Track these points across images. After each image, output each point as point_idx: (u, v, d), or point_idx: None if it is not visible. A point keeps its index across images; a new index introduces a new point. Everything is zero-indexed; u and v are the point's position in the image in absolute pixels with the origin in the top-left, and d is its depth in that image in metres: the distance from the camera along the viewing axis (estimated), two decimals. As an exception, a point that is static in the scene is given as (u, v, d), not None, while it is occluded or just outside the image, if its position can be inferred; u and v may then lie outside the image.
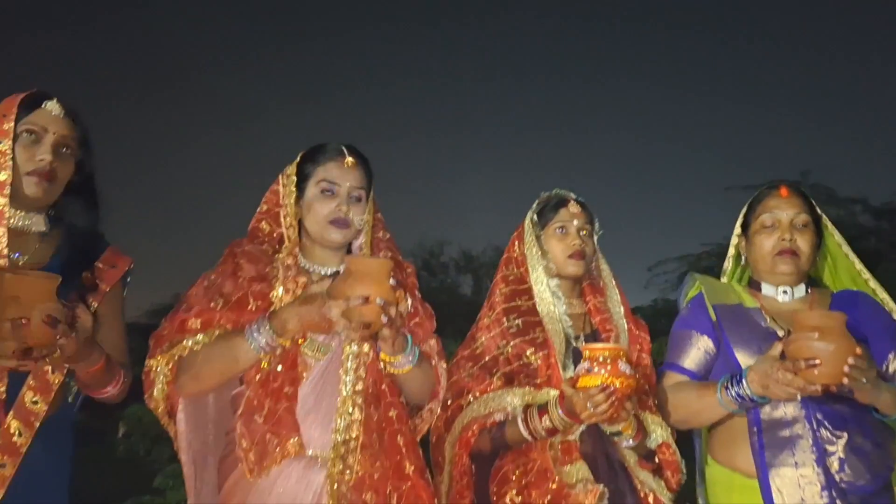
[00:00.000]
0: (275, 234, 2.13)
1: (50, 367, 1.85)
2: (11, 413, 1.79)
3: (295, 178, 2.12)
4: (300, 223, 2.13)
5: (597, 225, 2.41)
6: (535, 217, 2.39)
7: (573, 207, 2.35)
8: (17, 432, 1.80)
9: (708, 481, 2.24)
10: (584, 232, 2.34)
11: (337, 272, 2.06)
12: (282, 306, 1.93)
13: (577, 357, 2.17)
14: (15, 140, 1.91)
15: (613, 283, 2.41)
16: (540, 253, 2.35)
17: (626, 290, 2.45)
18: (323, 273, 2.09)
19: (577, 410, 1.98)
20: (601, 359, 1.96)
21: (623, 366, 1.95)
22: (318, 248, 2.12)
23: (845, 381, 1.84)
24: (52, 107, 1.95)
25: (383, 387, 2.02)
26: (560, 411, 2.05)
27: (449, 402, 2.22)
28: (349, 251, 2.17)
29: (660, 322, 2.41)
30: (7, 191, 1.89)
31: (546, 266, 2.33)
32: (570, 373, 2.13)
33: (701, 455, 2.31)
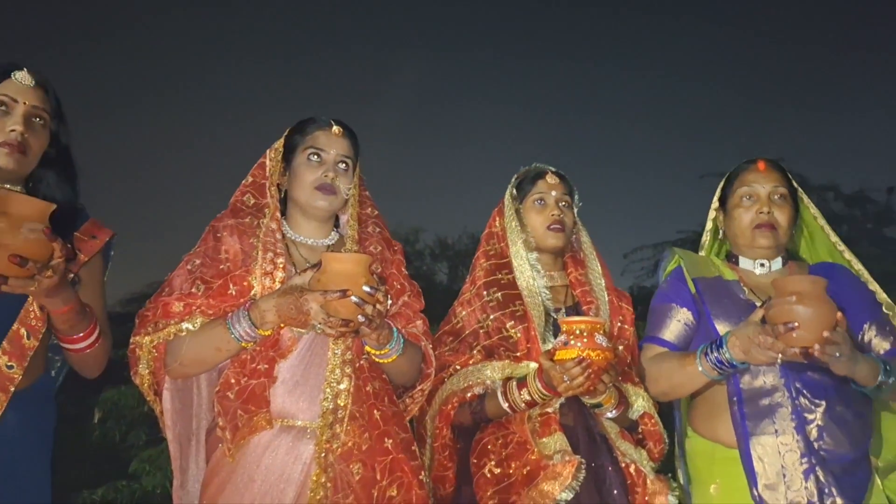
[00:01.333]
0: (259, 205, 2.13)
1: (25, 331, 1.83)
2: None
3: (282, 150, 2.15)
4: (286, 196, 2.15)
5: (576, 197, 2.42)
6: (514, 191, 2.41)
7: (551, 179, 2.37)
8: None
9: (689, 454, 2.27)
10: (564, 203, 2.36)
11: (328, 247, 2.11)
12: (261, 297, 1.94)
13: (557, 330, 2.19)
14: None
15: (594, 255, 2.44)
16: (519, 227, 2.37)
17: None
18: (309, 244, 2.12)
19: (555, 383, 2.01)
20: (578, 332, 1.97)
21: (600, 339, 1.97)
22: (304, 219, 2.14)
23: (819, 348, 1.85)
24: (22, 76, 1.91)
25: (362, 362, 2.03)
26: (538, 384, 2.07)
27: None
28: (336, 224, 2.19)
29: (636, 309, 2.44)
30: None
31: (525, 240, 2.36)
32: (550, 345, 2.14)
33: (681, 428, 2.34)
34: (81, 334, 1.90)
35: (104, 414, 6.11)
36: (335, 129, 2.13)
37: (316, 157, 2.10)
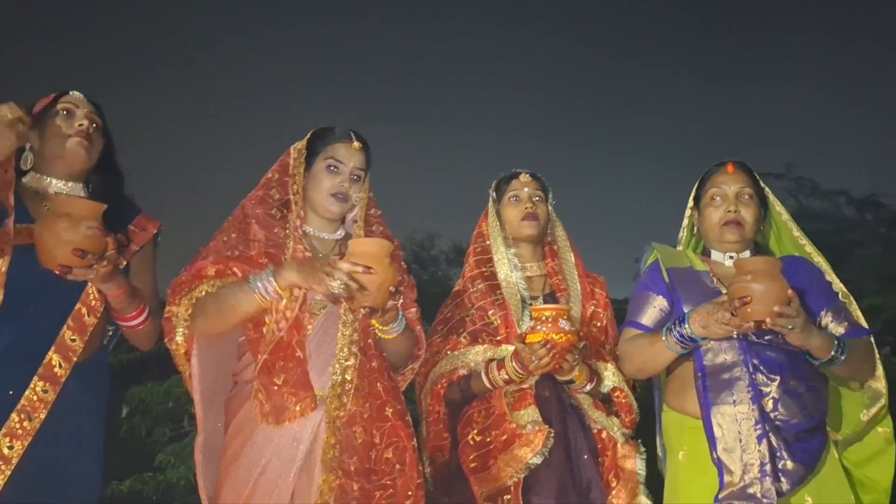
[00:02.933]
0: (283, 200, 2.36)
1: (86, 310, 2.16)
2: (53, 348, 2.11)
3: (305, 153, 2.39)
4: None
5: (550, 194, 2.74)
6: (494, 193, 2.75)
7: (524, 178, 2.70)
8: (57, 364, 2.10)
9: (664, 426, 2.51)
10: (537, 198, 2.68)
11: (336, 241, 2.38)
12: (286, 262, 2.18)
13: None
14: (49, 119, 2.25)
15: (568, 246, 2.74)
16: (499, 225, 2.69)
17: (614, 282, 2.80)
18: (324, 238, 2.38)
19: (526, 363, 2.31)
20: (544, 318, 2.28)
21: (563, 323, 2.27)
22: (317, 217, 2.40)
23: (771, 320, 2.07)
24: (76, 93, 2.31)
25: (369, 340, 2.29)
26: (514, 364, 2.38)
27: (426, 360, 2.53)
28: (343, 221, 2.44)
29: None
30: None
31: (504, 237, 2.68)
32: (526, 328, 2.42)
33: (659, 405, 2.57)
34: (133, 313, 2.24)
35: (131, 409, 6.38)
36: (355, 144, 2.37)
37: (334, 167, 2.36)
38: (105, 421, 2.29)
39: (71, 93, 2.32)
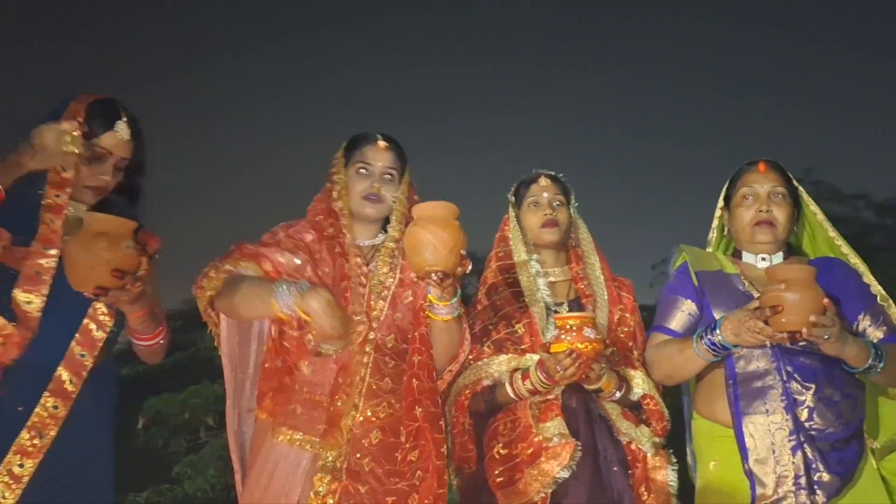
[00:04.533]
0: (336, 212, 2.36)
1: (94, 325, 2.09)
2: (63, 364, 2.04)
3: (343, 160, 2.40)
4: None
5: (572, 197, 2.64)
6: (513, 197, 2.66)
7: (543, 181, 2.61)
8: (68, 380, 2.04)
9: (693, 434, 2.43)
10: (557, 202, 2.59)
11: (373, 246, 2.36)
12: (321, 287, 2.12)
13: (556, 324, 2.41)
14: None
15: (593, 249, 2.64)
16: (520, 230, 2.60)
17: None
18: (361, 244, 2.36)
19: (550, 373, 2.24)
20: (568, 326, 2.21)
21: (588, 332, 2.20)
22: (356, 223, 2.37)
23: (806, 331, 1.99)
24: (122, 131, 2.14)
25: (416, 333, 2.25)
26: (540, 374, 2.30)
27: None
28: (384, 229, 2.41)
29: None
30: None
31: (525, 241, 2.59)
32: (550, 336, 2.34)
33: (688, 411, 2.49)
34: (153, 333, 2.19)
35: (147, 422, 6.38)
36: (381, 143, 2.38)
37: (364, 170, 2.36)
38: (114, 430, 2.24)
39: (116, 128, 2.12)
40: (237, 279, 2.18)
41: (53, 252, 2.01)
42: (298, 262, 2.26)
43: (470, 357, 2.46)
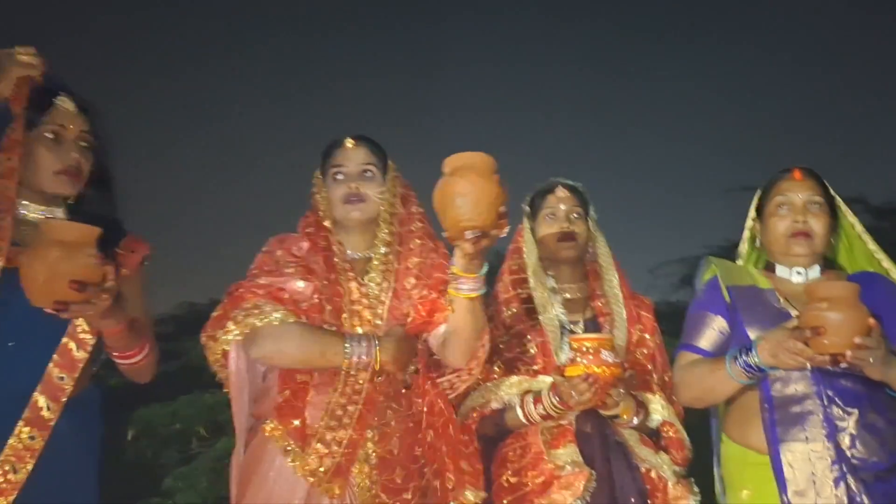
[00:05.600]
0: (322, 232, 2.24)
1: (75, 344, 1.91)
2: (39, 388, 1.86)
3: (321, 176, 2.28)
4: None
5: (591, 208, 2.48)
6: (528, 208, 2.49)
7: (560, 192, 2.44)
8: (45, 407, 1.86)
9: (723, 459, 2.29)
10: (575, 215, 2.42)
11: (367, 258, 2.21)
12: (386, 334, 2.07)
13: (572, 344, 2.28)
14: (33, 142, 1.95)
15: (612, 265, 2.48)
16: (534, 243, 2.45)
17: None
18: (355, 257, 2.22)
19: (565, 398, 2.12)
20: (584, 349, 2.09)
21: (606, 355, 2.08)
22: (346, 234, 2.24)
23: (850, 354, 1.86)
24: (66, 105, 1.99)
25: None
26: (553, 399, 2.17)
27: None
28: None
29: (662, 324, 2.48)
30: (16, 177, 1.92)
31: (540, 256, 2.44)
32: (564, 359, 2.23)
33: (717, 434, 2.36)
34: (135, 350, 1.99)
35: (137, 433, 6.20)
36: (348, 142, 2.25)
37: (337, 174, 2.23)
38: (99, 461, 2.05)
39: (59, 103, 1.98)
40: (287, 331, 2.04)
41: None
42: (302, 285, 2.12)
43: (479, 377, 2.30)
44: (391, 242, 2.21)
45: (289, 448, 2.01)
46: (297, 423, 2.03)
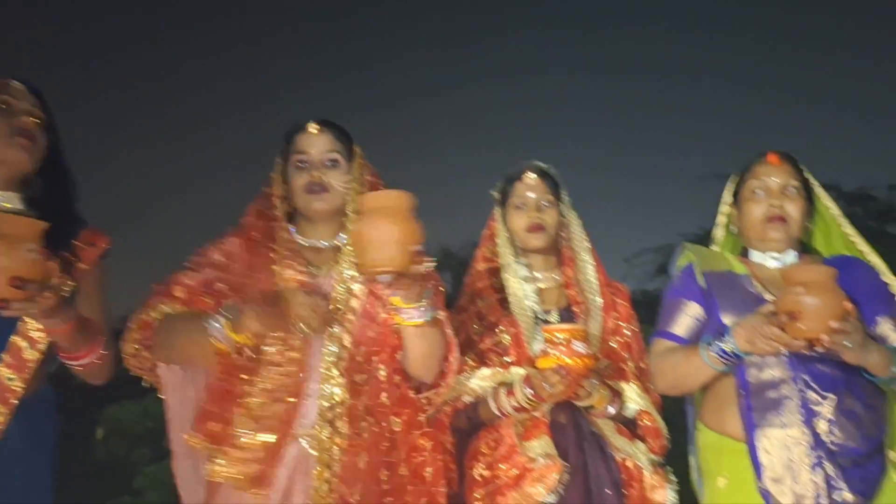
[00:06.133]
0: (275, 216, 2.15)
1: (26, 343, 1.83)
2: None
3: (282, 162, 2.17)
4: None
5: (563, 193, 2.41)
6: (498, 195, 2.43)
7: (528, 179, 2.37)
8: None
9: (699, 447, 2.26)
10: (546, 202, 2.36)
11: (336, 247, 2.12)
12: (246, 302, 1.92)
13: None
14: None
15: (587, 251, 2.42)
16: (506, 230, 2.39)
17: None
18: (319, 245, 2.13)
19: (537, 391, 2.09)
20: (557, 339, 2.05)
21: (578, 345, 2.04)
22: (309, 224, 2.15)
23: (827, 338, 1.84)
24: (16, 84, 1.95)
25: (374, 347, 2.06)
26: (526, 390, 2.13)
27: None
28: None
29: (638, 313, 2.45)
30: None
31: (512, 243, 2.38)
32: (538, 349, 2.19)
33: (692, 422, 2.33)
34: (85, 350, 1.91)
35: (107, 431, 6.10)
36: (311, 127, 2.14)
37: (300, 161, 2.12)
38: (53, 463, 1.98)
39: (10, 83, 1.94)
40: (168, 323, 2.00)
41: None
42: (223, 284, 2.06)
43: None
44: None
45: (211, 454, 1.96)
46: (216, 427, 1.96)
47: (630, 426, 2.28)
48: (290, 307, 1.89)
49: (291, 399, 1.96)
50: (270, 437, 1.94)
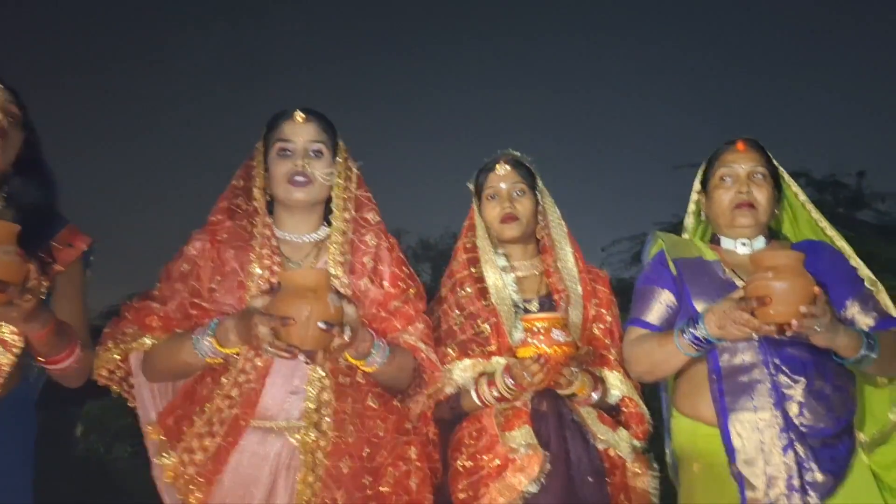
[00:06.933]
0: (249, 209, 2.11)
1: (0, 348, 1.81)
2: None
3: (262, 149, 2.13)
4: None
5: (539, 181, 2.42)
6: (473, 187, 2.44)
7: (500, 170, 2.38)
8: None
9: (673, 433, 2.29)
10: (518, 191, 2.37)
11: (319, 241, 2.11)
12: (226, 318, 1.91)
13: (525, 323, 2.24)
14: None
15: (565, 237, 2.43)
16: (482, 221, 2.40)
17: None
18: (298, 241, 2.11)
19: (517, 380, 2.10)
20: (536, 329, 2.05)
21: (557, 334, 2.05)
22: (288, 214, 2.12)
23: (796, 322, 1.86)
24: None
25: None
26: (507, 380, 2.14)
27: None
28: (328, 217, 2.14)
29: (617, 301, 2.46)
30: None
31: (489, 233, 2.39)
32: (518, 339, 2.18)
33: (667, 409, 2.35)
34: (62, 354, 1.88)
35: (87, 428, 6.08)
36: (298, 116, 2.09)
37: (283, 150, 2.08)
38: (32, 467, 1.97)
39: None
40: (153, 354, 2.00)
41: None
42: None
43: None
44: (346, 231, 2.10)
45: (161, 448, 1.98)
46: (172, 422, 1.98)
47: (613, 413, 2.29)
48: (250, 326, 1.79)
49: (247, 409, 1.94)
50: (217, 442, 1.93)
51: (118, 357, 2.01)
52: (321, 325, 1.72)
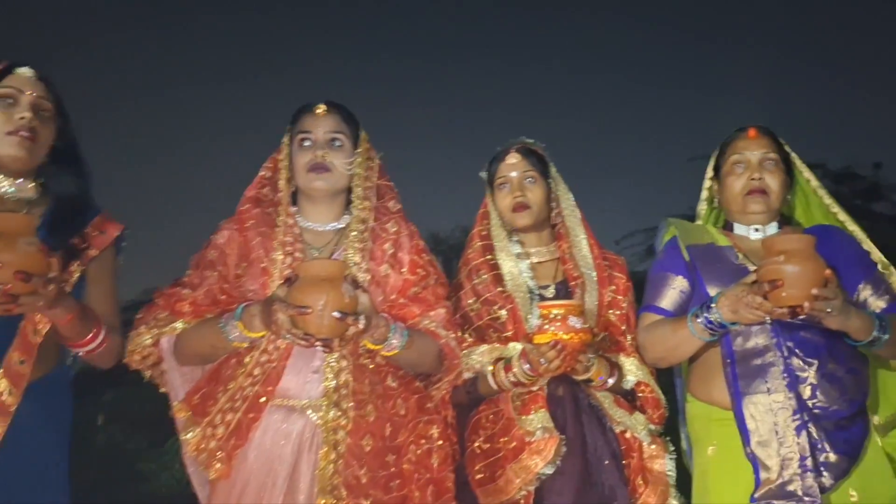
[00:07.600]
0: (275, 199, 2.19)
1: (32, 329, 1.86)
2: (1, 372, 1.82)
3: (288, 142, 2.22)
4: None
5: (551, 168, 2.44)
6: (485, 176, 2.46)
7: (511, 158, 2.40)
8: (6, 391, 1.82)
9: (688, 418, 2.32)
10: (529, 179, 2.38)
11: (341, 229, 2.17)
12: (252, 304, 1.97)
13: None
14: None
15: (579, 224, 2.45)
16: (496, 210, 2.43)
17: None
18: (321, 229, 2.17)
19: (534, 366, 2.12)
20: (552, 315, 2.08)
21: (573, 321, 2.07)
22: (310, 204, 2.19)
23: (808, 305, 1.88)
24: (25, 71, 1.97)
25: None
26: (524, 366, 2.17)
27: None
28: (348, 206, 2.20)
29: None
30: None
31: (502, 222, 2.42)
32: (534, 325, 2.22)
33: (682, 393, 2.38)
34: (88, 338, 1.93)
35: (107, 417, 6.14)
36: (319, 108, 2.17)
37: (305, 140, 2.15)
38: (69, 446, 2.01)
39: (17, 70, 1.95)
40: (184, 338, 2.07)
41: None
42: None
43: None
44: (366, 220, 2.16)
45: (186, 425, 2.05)
46: (198, 399, 2.05)
47: (629, 398, 2.32)
48: (270, 314, 1.86)
49: (269, 387, 2.00)
50: (237, 417, 1.99)
51: (150, 341, 2.07)
52: (336, 314, 1.78)
